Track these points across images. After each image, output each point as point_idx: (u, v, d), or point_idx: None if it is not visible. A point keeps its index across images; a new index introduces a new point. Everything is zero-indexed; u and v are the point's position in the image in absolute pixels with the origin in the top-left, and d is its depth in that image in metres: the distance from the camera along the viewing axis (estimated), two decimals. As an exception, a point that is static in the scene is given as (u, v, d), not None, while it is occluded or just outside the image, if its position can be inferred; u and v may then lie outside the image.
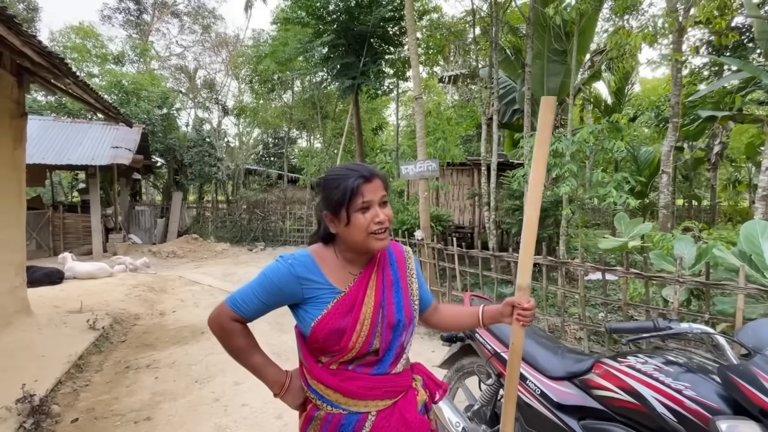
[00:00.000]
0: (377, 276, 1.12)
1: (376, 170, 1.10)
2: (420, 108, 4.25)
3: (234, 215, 12.88)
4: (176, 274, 7.62)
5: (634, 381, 1.41)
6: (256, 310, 1.06)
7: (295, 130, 17.84)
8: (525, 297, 1.15)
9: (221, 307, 1.08)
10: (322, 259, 1.08)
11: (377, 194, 1.04)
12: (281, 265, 1.04)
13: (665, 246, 3.03)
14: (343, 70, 6.58)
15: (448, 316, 1.33)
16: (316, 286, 1.04)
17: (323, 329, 1.01)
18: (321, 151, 12.88)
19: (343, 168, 1.06)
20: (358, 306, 1.05)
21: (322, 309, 1.03)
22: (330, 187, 1.03)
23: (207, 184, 15.50)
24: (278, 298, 1.04)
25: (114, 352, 3.98)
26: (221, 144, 14.95)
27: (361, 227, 1.01)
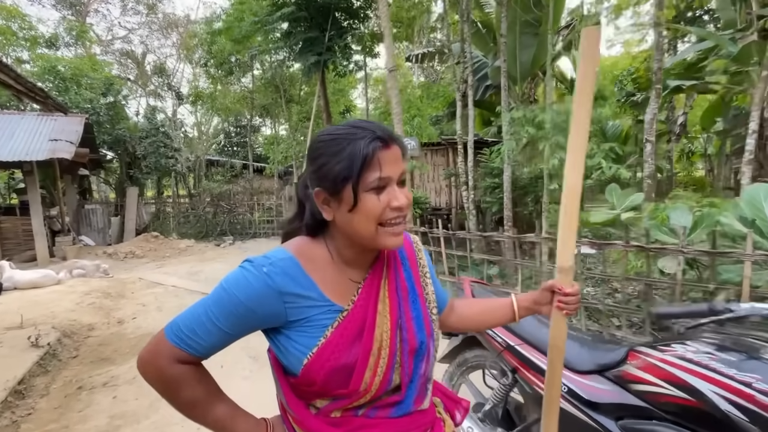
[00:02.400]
0: (389, 282, 0.81)
1: (393, 132, 0.76)
2: (394, 82, 3.93)
3: (197, 209, 12.09)
4: (135, 276, 6.99)
5: (686, 373, 1.20)
6: (213, 344, 0.72)
7: (258, 117, 16.95)
8: (567, 280, 0.92)
9: (157, 344, 0.73)
10: (311, 262, 0.76)
11: (397, 168, 0.72)
12: (251, 274, 0.71)
13: (660, 216, 2.91)
14: (307, 45, 6.08)
15: (472, 316, 1.04)
16: (306, 303, 0.73)
17: (323, 367, 0.71)
18: (287, 137, 12.23)
19: (346, 126, 0.73)
20: (369, 329, 0.75)
21: (319, 337, 0.72)
22: (327, 153, 0.71)
23: (166, 178, 14.46)
24: (248, 324, 0.72)
25: (63, 371, 3.48)
26: (178, 134, 13.93)
27: (373, 214, 0.70)
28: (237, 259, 6.10)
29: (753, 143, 3.23)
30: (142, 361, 0.75)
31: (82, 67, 11.26)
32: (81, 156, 9.21)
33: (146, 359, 0.74)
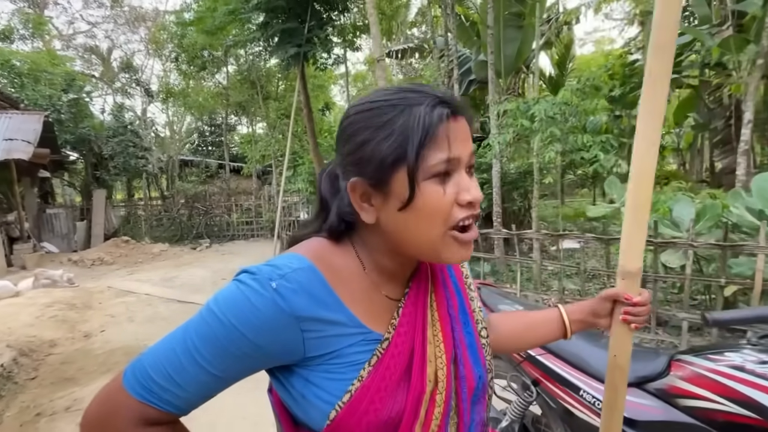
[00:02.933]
0: (437, 300, 0.62)
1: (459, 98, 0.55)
2: (383, 72, 3.73)
3: (171, 212, 11.54)
4: (104, 285, 6.51)
5: (749, 387, 1.05)
6: (198, 395, 0.51)
7: (234, 115, 16.37)
8: (634, 287, 0.75)
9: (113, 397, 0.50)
10: (335, 274, 0.55)
11: (466, 147, 0.52)
12: (254, 293, 0.49)
13: (662, 209, 2.82)
14: (286, 37, 5.78)
15: (512, 334, 0.83)
16: (332, 331, 0.52)
17: (360, 423, 0.51)
18: (265, 135, 11.81)
19: (393, 90, 0.53)
20: (420, 364, 0.55)
21: (351, 380, 0.51)
22: (369, 126, 0.51)
23: (136, 180, 13.75)
24: (249, 364, 0.51)
25: (20, 395, 3.10)
26: (148, 133, 13.26)
27: (438, 212, 0.51)
28: (215, 263, 5.74)
29: (748, 133, 3.23)
30: (88, 424, 0.51)
31: (40, 62, 10.51)
32: (41, 157, 8.57)
33: (95, 422, 0.50)
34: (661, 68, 0.71)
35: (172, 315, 4.84)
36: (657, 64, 0.71)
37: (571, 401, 1.43)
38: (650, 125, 0.73)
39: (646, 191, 0.75)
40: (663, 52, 0.69)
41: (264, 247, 9.71)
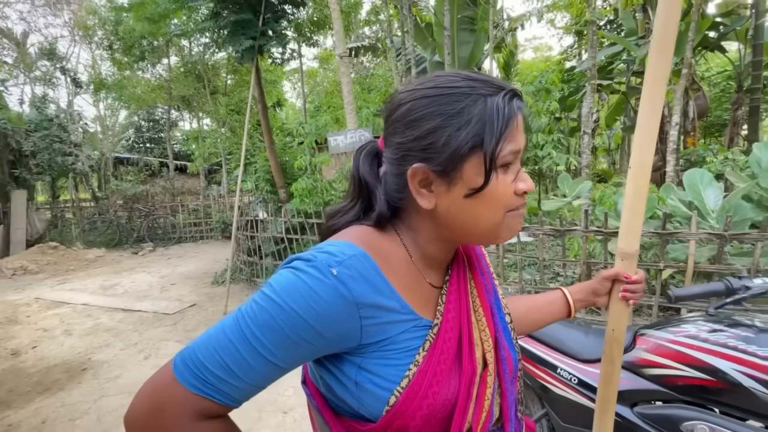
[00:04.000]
0: (477, 286, 0.64)
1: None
2: (345, 68, 3.69)
3: (107, 214, 10.56)
4: (31, 296, 5.82)
5: (704, 353, 1.20)
6: (256, 385, 0.50)
7: (176, 110, 15.32)
8: (632, 267, 0.83)
9: (164, 391, 0.48)
10: (386, 261, 0.55)
11: (525, 139, 0.56)
12: (315, 280, 0.48)
13: (607, 202, 3.10)
14: (239, 28, 5.51)
15: (520, 316, 0.87)
16: (388, 317, 0.52)
17: (421, 407, 0.51)
18: (214, 131, 11.19)
19: (455, 76, 0.53)
20: (469, 348, 0.57)
21: (407, 365, 0.52)
22: (439, 113, 0.51)
23: (62, 179, 12.39)
24: (309, 352, 0.50)
25: (-65, 426, 2.70)
26: (77, 128, 11.99)
27: (504, 199, 0.54)
28: (161, 268, 5.37)
29: (676, 135, 3.66)
30: (136, 420, 0.48)
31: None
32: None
33: (146, 417, 0.47)
34: (661, 69, 0.78)
35: (118, 325, 4.45)
36: (658, 64, 0.78)
37: (549, 378, 1.54)
38: (650, 121, 0.80)
39: (644, 181, 0.83)
40: (663, 53, 0.77)
41: (215, 249, 9.22)
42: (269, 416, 2.59)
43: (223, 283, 5.82)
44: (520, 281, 3.39)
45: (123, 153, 16.01)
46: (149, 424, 0.47)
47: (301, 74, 8.82)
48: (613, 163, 16.39)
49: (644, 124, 0.81)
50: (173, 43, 9.81)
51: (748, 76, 6.60)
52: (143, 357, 3.59)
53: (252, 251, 5.70)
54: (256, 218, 5.46)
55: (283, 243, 5.28)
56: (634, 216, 0.82)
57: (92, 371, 3.36)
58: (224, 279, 5.79)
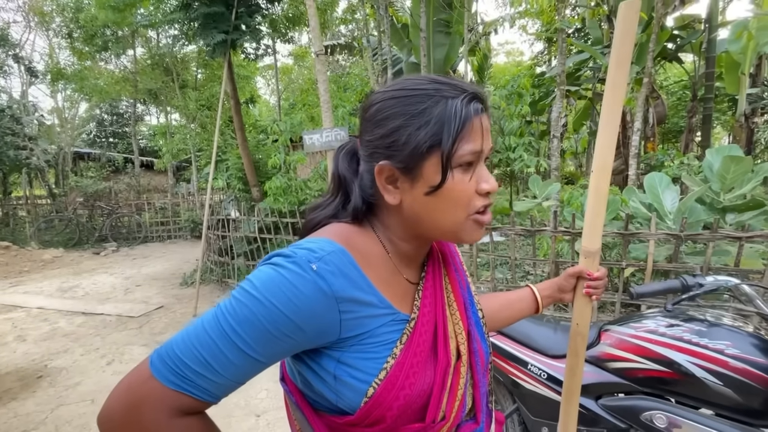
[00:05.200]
0: (451, 283, 0.67)
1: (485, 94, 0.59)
2: (323, 66, 3.66)
3: (65, 212, 9.98)
4: (-21, 300, 5.42)
5: (661, 347, 1.28)
6: (235, 381, 0.50)
7: (142, 104, 14.67)
8: (594, 264, 0.88)
9: (141, 388, 0.47)
10: (363, 257, 0.56)
11: (488, 141, 0.57)
12: (296, 275, 0.49)
13: (575, 203, 3.23)
14: (211, 22, 5.33)
15: (492, 313, 0.90)
16: (366, 311, 0.54)
17: (398, 398, 0.53)
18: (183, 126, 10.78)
19: (423, 80, 0.56)
20: (444, 341, 0.60)
21: (385, 357, 0.54)
22: (403, 113, 0.53)
23: (14, 174, 11.60)
24: (289, 347, 0.51)
25: None
26: (31, 120, 11.26)
27: (462, 198, 0.55)
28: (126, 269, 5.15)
29: (637, 140, 3.87)
30: (111, 419, 0.47)
31: None
32: None
33: (123, 415, 0.47)
34: (619, 79, 0.83)
35: (77, 330, 4.22)
36: (617, 75, 0.83)
37: (519, 374, 1.59)
38: (610, 127, 0.86)
39: (605, 183, 0.88)
40: (622, 66, 0.82)
41: (184, 249, 8.90)
42: (241, 420, 2.54)
43: (192, 284, 5.63)
44: (493, 280, 3.47)
45: (83, 148, 15.20)
46: (126, 422, 0.47)
47: (275, 71, 8.65)
48: (579, 166, 17.06)
49: (605, 131, 0.86)
50: (139, 33, 9.38)
51: (702, 86, 7.05)
52: (105, 363, 3.42)
53: (223, 251, 5.55)
54: (227, 217, 5.31)
55: (256, 243, 5.17)
56: (596, 216, 0.87)
57: (49, 379, 3.17)
58: (194, 280, 5.60)
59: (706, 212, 2.66)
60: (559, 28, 4.10)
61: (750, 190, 2.63)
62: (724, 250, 2.55)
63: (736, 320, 1.26)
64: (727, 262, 2.54)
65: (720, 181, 2.64)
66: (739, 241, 2.36)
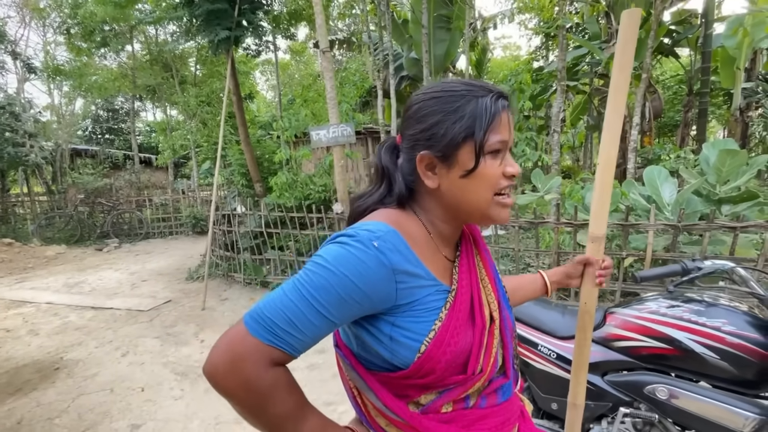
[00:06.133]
0: (483, 260, 0.79)
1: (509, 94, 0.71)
2: (329, 63, 3.72)
3: (66, 208, 9.99)
4: (-14, 296, 5.47)
5: (663, 326, 1.38)
6: (315, 338, 0.60)
7: (139, 101, 14.59)
8: (600, 250, 0.96)
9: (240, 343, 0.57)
10: (410, 237, 0.66)
11: (512, 133, 0.69)
12: (362, 252, 0.59)
13: (575, 196, 3.33)
14: (214, 18, 5.37)
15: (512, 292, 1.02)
16: (416, 283, 0.64)
17: (445, 353, 0.64)
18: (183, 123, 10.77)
19: (456, 83, 0.67)
20: (479, 308, 0.70)
21: (434, 320, 0.64)
22: (441, 110, 0.65)
23: (11, 172, 11.56)
24: (357, 311, 0.61)
25: None
26: (29, 117, 11.19)
27: (491, 180, 0.66)
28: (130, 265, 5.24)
29: (636, 134, 3.97)
30: (220, 369, 0.57)
31: None
32: None
33: (227, 366, 0.56)
34: (622, 83, 0.91)
35: (89, 323, 4.30)
36: (620, 79, 0.91)
37: (530, 355, 1.69)
38: (614, 123, 0.94)
39: (610, 174, 0.96)
40: (624, 71, 0.90)
41: (185, 245, 8.95)
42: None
43: (197, 278, 5.71)
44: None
45: (80, 144, 15.13)
46: (231, 371, 0.56)
47: (276, 67, 8.66)
48: (577, 160, 17.17)
49: (610, 125, 0.94)
50: (138, 29, 9.34)
51: (698, 80, 7.17)
52: (120, 354, 3.50)
53: (228, 246, 5.62)
54: (233, 212, 5.38)
55: (261, 237, 5.25)
56: (602, 204, 0.96)
57: (66, 370, 3.25)
58: (199, 275, 5.68)
59: (703, 204, 2.77)
60: (561, 25, 4.17)
61: (745, 182, 2.74)
62: (719, 240, 2.66)
63: (731, 300, 1.37)
64: (722, 251, 2.66)
65: (716, 173, 2.75)
66: (734, 231, 2.48)
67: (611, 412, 1.48)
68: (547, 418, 1.70)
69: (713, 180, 2.80)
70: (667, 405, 1.34)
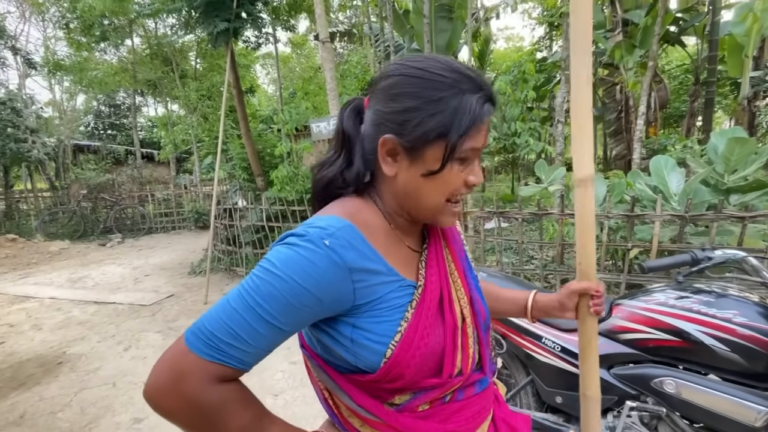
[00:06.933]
0: (451, 252, 0.72)
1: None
2: (328, 54, 3.66)
3: (69, 204, 10.01)
4: (-9, 291, 5.50)
5: (672, 318, 1.34)
6: (264, 349, 0.55)
7: (140, 96, 14.55)
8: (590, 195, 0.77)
9: (179, 361, 0.53)
10: (368, 229, 0.61)
11: (487, 138, 0.62)
12: (311, 252, 0.53)
13: (580, 187, 3.28)
14: (212, 10, 5.30)
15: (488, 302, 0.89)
16: (376, 279, 0.59)
17: (414, 356, 0.59)
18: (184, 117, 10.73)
19: (443, 65, 0.58)
20: (449, 304, 0.65)
21: (399, 320, 0.59)
22: (420, 96, 0.56)
23: (15, 168, 11.60)
24: (309, 317, 0.56)
25: None
26: (30, 113, 11.19)
27: (450, 187, 0.61)
28: (133, 260, 5.23)
29: (642, 124, 3.89)
30: (158, 391, 0.52)
31: None
32: None
33: (167, 386, 0.52)
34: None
35: (92, 318, 4.31)
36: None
37: (534, 347, 1.66)
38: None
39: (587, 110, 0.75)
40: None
41: (188, 240, 8.97)
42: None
43: (200, 273, 5.71)
44: (499, 264, 3.54)
45: (82, 140, 15.14)
46: (172, 392, 0.52)
47: (276, 59, 8.58)
48: (580, 152, 16.99)
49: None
50: (138, 23, 9.27)
51: (705, 69, 7.03)
52: (123, 348, 3.51)
53: (230, 240, 5.61)
54: (234, 206, 5.36)
55: (264, 231, 5.23)
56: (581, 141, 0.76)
57: (69, 364, 3.26)
58: (201, 269, 5.67)
59: (711, 193, 2.71)
60: (566, 13, 4.09)
61: (753, 171, 2.68)
62: (727, 230, 2.61)
63: (741, 291, 1.32)
64: (730, 242, 2.60)
65: (724, 162, 2.69)
66: (743, 220, 2.42)
67: (617, 406, 1.45)
68: (552, 412, 1.67)
69: (721, 169, 2.74)
70: (675, 398, 1.31)
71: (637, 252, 2.94)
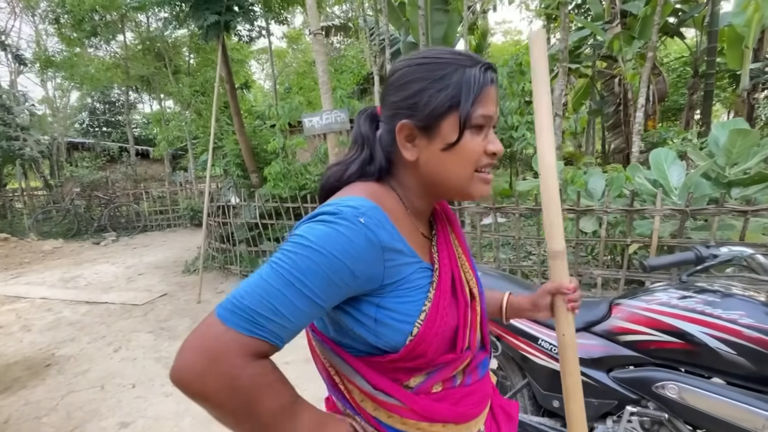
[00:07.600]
0: (457, 237, 0.77)
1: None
2: (320, 46, 3.56)
3: (62, 202, 9.91)
4: (-19, 292, 5.42)
5: (674, 319, 1.28)
6: (301, 325, 0.55)
7: (134, 92, 14.39)
8: (563, 266, 0.80)
9: (216, 337, 0.50)
10: (391, 212, 0.62)
11: (497, 109, 0.65)
12: (348, 229, 0.54)
13: (578, 182, 3.21)
14: (202, 3, 5.18)
15: None
16: (402, 260, 0.60)
17: (437, 334, 0.62)
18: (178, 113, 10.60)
19: (443, 51, 0.63)
20: (461, 285, 0.69)
21: (422, 300, 0.62)
22: (426, 78, 0.61)
23: (8, 166, 11.46)
24: (345, 293, 0.57)
25: None
26: (22, 110, 11.05)
27: (473, 156, 0.62)
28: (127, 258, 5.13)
29: (642, 116, 3.81)
30: (194, 372, 0.49)
31: None
32: None
33: (204, 367, 0.49)
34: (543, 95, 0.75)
35: (82, 319, 4.23)
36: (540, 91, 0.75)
37: (530, 349, 1.60)
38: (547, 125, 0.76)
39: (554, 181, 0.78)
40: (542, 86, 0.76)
41: (184, 237, 8.89)
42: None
43: (194, 271, 5.63)
44: (496, 260, 3.48)
45: (77, 137, 15.00)
46: (209, 371, 0.49)
47: (270, 54, 8.45)
48: (579, 146, 16.94)
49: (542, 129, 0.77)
50: (129, 17, 9.12)
51: (704, 61, 6.95)
52: (113, 350, 3.44)
53: (225, 238, 5.53)
54: (228, 203, 5.28)
55: (257, 229, 5.15)
56: (554, 215, 0.79)
57: (57, 367, 3.19)
58: (195, 267, 5.60)
59: (712, 187, 2.64)
60: (562, 3, 4.00)
61: (755, 164, 2.61)
62: (728, 225, 2.55)
63: (747, 290, 1.26)
64: (731, 237, 2.54)
65: (726, 155, 2.62)
66: (745, 215, 2.36)
67: (617, 411, 1.38)
68: (549, 416, 1.61)
69: (723, 162, 2.67)
70: (677, 403, 1.24)
71: (637, 247, 2.88)
